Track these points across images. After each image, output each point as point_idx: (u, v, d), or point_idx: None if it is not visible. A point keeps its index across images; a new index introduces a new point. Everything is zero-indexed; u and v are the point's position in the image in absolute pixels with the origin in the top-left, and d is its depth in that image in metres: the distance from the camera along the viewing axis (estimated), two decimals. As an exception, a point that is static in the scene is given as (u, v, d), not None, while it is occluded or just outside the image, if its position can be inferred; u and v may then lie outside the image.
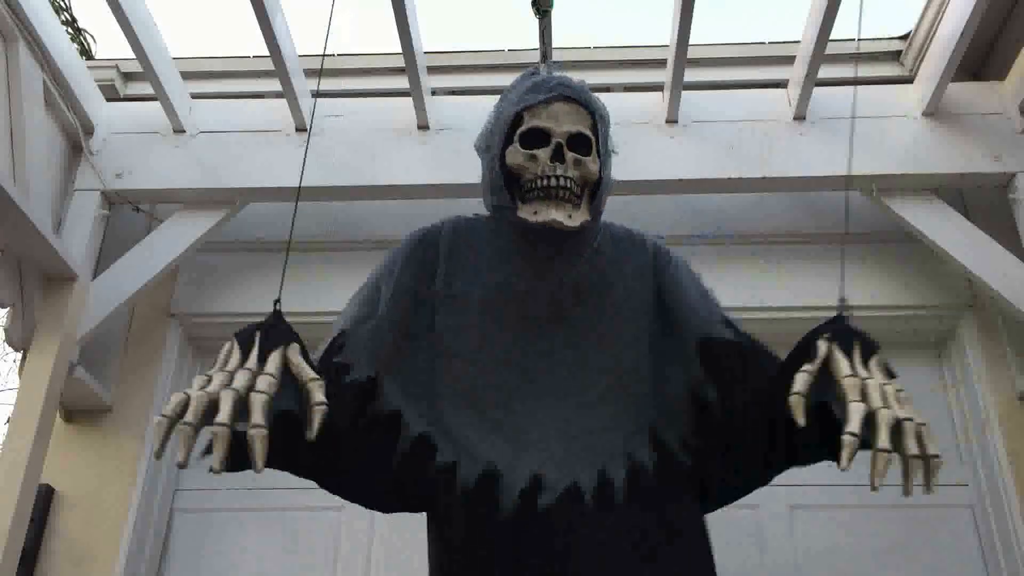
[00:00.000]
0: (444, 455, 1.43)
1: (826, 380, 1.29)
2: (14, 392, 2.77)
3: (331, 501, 2.75)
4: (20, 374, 2.53)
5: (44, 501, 2.69)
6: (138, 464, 2.79)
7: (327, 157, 2.91)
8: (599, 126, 1.57)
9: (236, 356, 1.24)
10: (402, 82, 2.92)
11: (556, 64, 2.35)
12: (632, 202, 2.95)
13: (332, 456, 1.39)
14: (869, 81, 3.16)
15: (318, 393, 1.22)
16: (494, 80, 3.27)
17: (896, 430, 1.19)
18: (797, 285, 2.92)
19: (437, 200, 2.85)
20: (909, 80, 3.05)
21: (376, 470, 1.45)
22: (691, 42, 2.72)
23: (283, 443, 1.21)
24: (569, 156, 1.51)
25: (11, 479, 2.32)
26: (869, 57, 3.28)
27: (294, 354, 1.26)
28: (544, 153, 1.50)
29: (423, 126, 2.98)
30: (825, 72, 2.79)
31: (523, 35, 10.65)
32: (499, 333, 1.51)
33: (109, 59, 3.50)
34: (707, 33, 10.17)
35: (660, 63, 2.99)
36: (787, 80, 3.03)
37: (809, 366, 1.29)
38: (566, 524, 1.35)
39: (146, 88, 3.04)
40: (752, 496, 1.58)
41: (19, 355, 2.59)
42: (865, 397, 1.23)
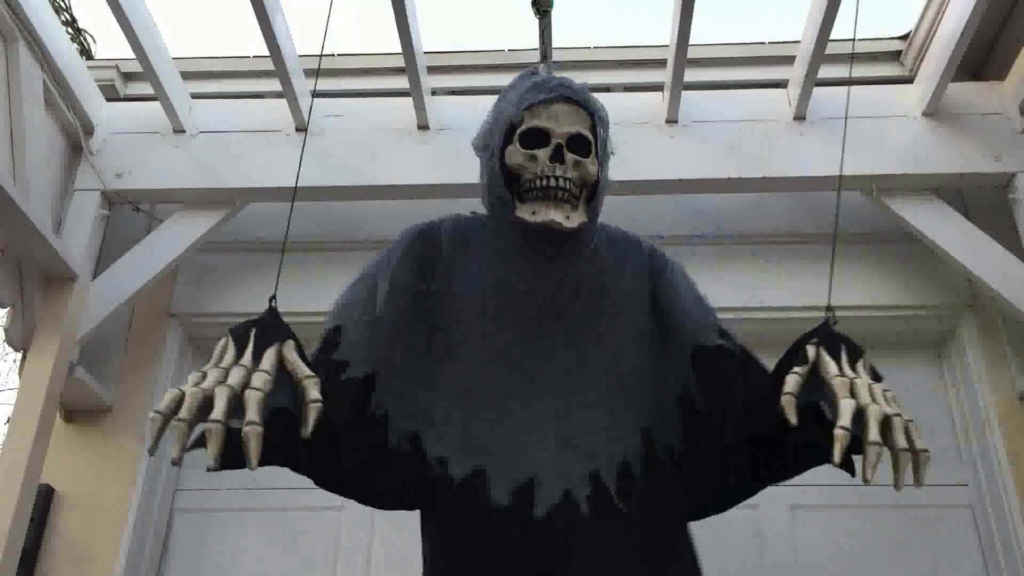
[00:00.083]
0: (435, 454, 1.43)
1: (816, 383, 1.32)
2: (14, 392, 2.77)
3: (331, 501, 2.76)
4: (20, 374, 2.53)
5: (44, 501, 2.69)
6: (138, 464, 2.79)
7: (327, 157, 2.91)
8: (598, 128, 1.57)
9: (231, 353, 1.24)
10: (402, 82, 2.92)
11: (555, 64, 2.35)
12: (632, 202, 2.95)
13: (330, 454, 1.39)
14: (869, 81, 3.15)
15: (313, 391, 1.22)
16: (494, 80, 3.27)
17: (885, 426, 1.22)
18: (797, 285, 2.92)
19: (437, 200, 2.85)
20: (909, 80, 3.05)
21: (374, 468, 1.44)
22: (691, 42, 2.72)
23: (279, 440, 1.21)
24: (569, 157, 1.51)
25: (11, 479, 2.32)
26: (869, 57, 3.28)
27: (289, 351, 1.26)
28: (544, 153, 1.50)
29: (423, 126, 2.98)
30: (825, 72, 2.79)
31: (523, 35, 10.66)
32: (498, 333, 1.51)
33: (109, 59, 3.50)
34: (707, 33, 10.17)
35: (660, 63, 2.99)
36: (787, 80, 3.03)
37: (799, 368, 1.33)
38: (566, 524, 1.35)
39: (146, 88, 3.04)
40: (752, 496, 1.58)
41: (19, 355, 2.59)
42: (854, 395, 1.26)
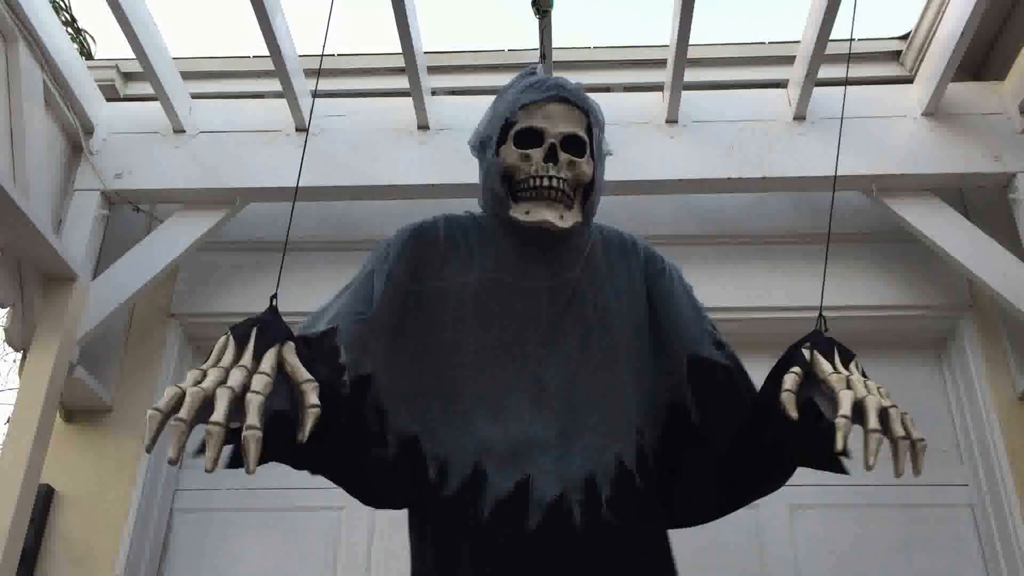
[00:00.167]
0: (432, 454, 1.43)
1: (811, 386, 1.34)
2: (14, 392, 2.77)
3: (331, 501, 2.78)
4: (20, 374, 2.53)
5: (44, 501, 2.69)
6: (138, 464, 2.79)
7: (327, 157, 2.91)
8: (594, 128, 1.57)
9: (231, 352, 1.24)
10: (402, 82, 2.92)
11: (555, 64, 2.35)
12: (632, 202, 2.95)
13: (326, 454, 1.39)
14: (869, 81, 3.15)
15: (312, 395, 1.21)
16: (494, 80, 3.27)
17: (883, 417, 1.25)
18: (796, 285, 2.92)
19: (437, 200, 2.84)
20: (909, 80, 3.05)
21: (372, 467, 1.44)
22: (691, 42, 2.72)
23: (275, 441, 1.21)
24: (563, 157, 1.51)
25: (11, 479, 2.32)
26: (869, 57, 3.28)
27: (289, 353, 1.25)
28: (538, 153, 1.50)
29: (423, 126, 2.98)
30: (825, 72, 2.79)
31: (523, 35, 10.64)
32: (493, 332, 1.51)
33: (109, 59, 3.50)
34: (707, 33, 10.17)
35: (660, 63, 2.99)
36: (787, 80, 3.03)
37: (796, 368, 1.35)
38: (558, 527, 1.35)
39: (146, 88, 3.04)
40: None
41: (19, 355, 2.59)
42: (851, 388, 1.29)
